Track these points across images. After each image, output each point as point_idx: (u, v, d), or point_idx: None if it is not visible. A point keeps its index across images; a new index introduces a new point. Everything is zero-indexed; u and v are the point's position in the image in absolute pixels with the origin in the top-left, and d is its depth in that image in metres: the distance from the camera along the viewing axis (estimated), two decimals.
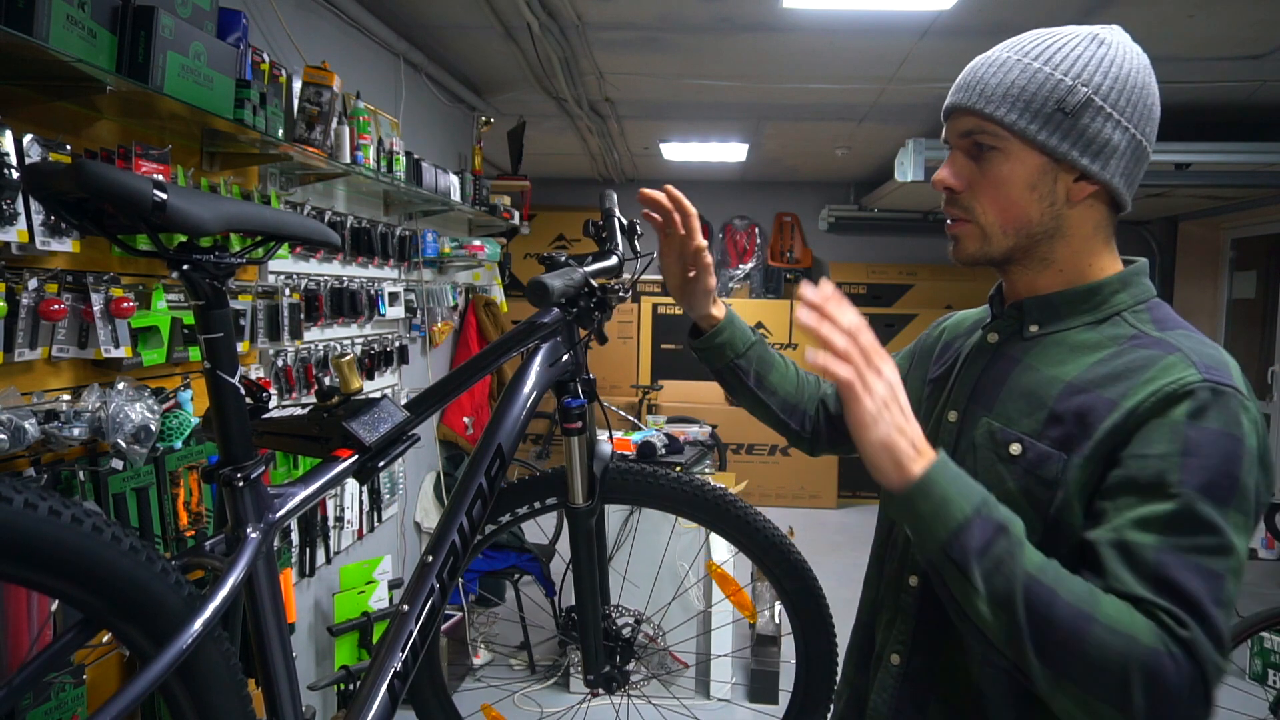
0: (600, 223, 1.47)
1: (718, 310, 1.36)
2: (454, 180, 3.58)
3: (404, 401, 1.21)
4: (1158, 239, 6.85)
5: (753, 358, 1.34)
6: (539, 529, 4.04)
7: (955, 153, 1.01)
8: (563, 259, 1.34)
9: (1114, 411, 0.90)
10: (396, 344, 3.28)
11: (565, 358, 1.37)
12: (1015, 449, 0.96)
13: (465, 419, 4.08)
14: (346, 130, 2.51)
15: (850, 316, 0.92)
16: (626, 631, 1.57)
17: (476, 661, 3.71)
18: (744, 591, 2.46)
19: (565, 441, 1.39)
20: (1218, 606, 0.81)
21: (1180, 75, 3.85)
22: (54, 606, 1.49)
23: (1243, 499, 0.85)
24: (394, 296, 3.20)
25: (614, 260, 1.42)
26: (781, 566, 1.44)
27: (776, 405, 1.35)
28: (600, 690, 1.54)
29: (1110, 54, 0.97)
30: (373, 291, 3.00)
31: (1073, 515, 0.91)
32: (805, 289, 0.93)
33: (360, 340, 3.02)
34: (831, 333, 0.90)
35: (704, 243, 1.34)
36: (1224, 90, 4.09)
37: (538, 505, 1.43)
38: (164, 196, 0.83)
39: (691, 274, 1.33)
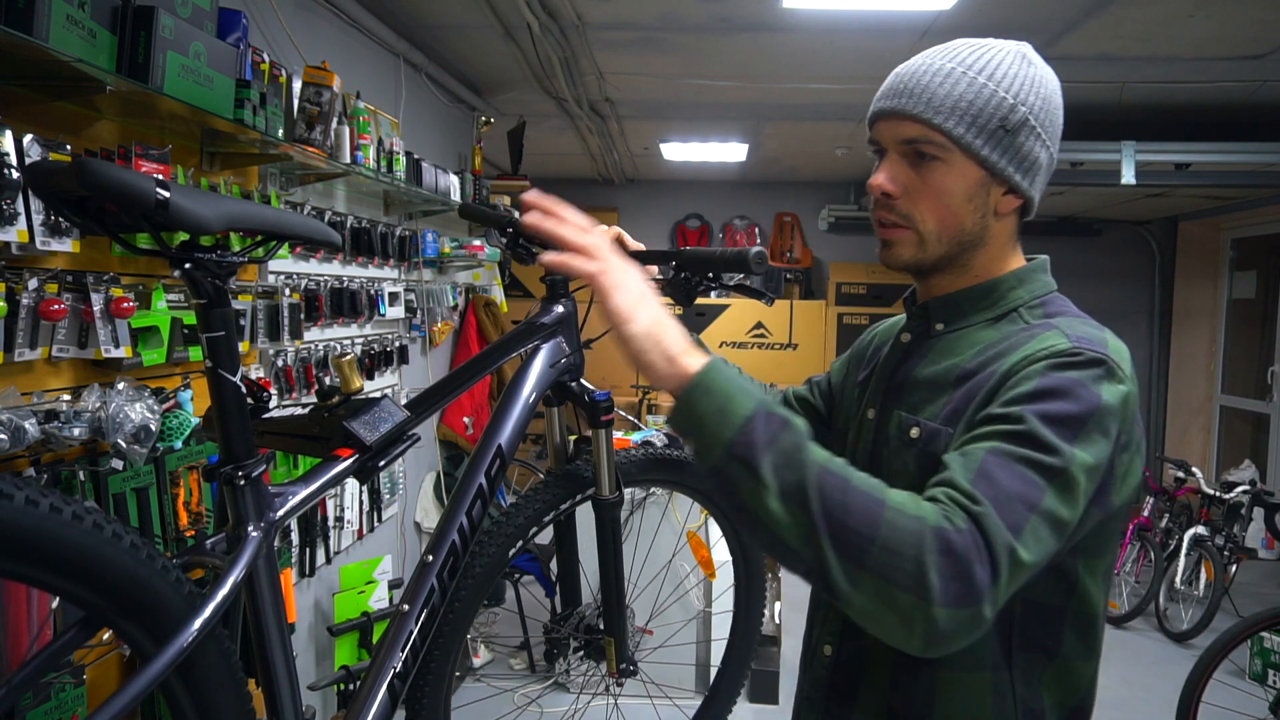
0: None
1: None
2: (454, 180, 3.58)
3: (404, 401, 1.21)
4: (1158, 239, 6.85)
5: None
6: None
7: (893, 158, 1.02)
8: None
9: (991, 379, 0.94)
10: (396, 344, 3.28)
11: (565, 359, 1.37)
12: (915, 433, 1.01)
13: (465, 419, 4.08)
14: (346, 130, 2.51)
15: (582, 218, 0.92)
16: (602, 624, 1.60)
17: (476, 661, 3.71)
18: (708, 550, 2.54)
19: (594, 435, 1.42)
20: (1028, 510, 0.82)
21: (1180, 75, 3.86)
22: (54, 604, 1.49)
23: (1090, 443, 0.86)
24: (394, 296, 3.21)
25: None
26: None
27: None
28: (624, 681, 1.58)
29: (1037, 74, 1.01)
30: (373, 291, 3.00)
31: None
32: (529, 194, 0.93)
33: (360, 340, 3.02)
34: (562, 228, 0.90)
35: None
36: (1224, 90, 4.09)
37: (577, 499, 1.47)
38: (167, 195, 0.83)
39: None
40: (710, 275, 1.28)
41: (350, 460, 1.09)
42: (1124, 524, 0.99)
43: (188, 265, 0.92)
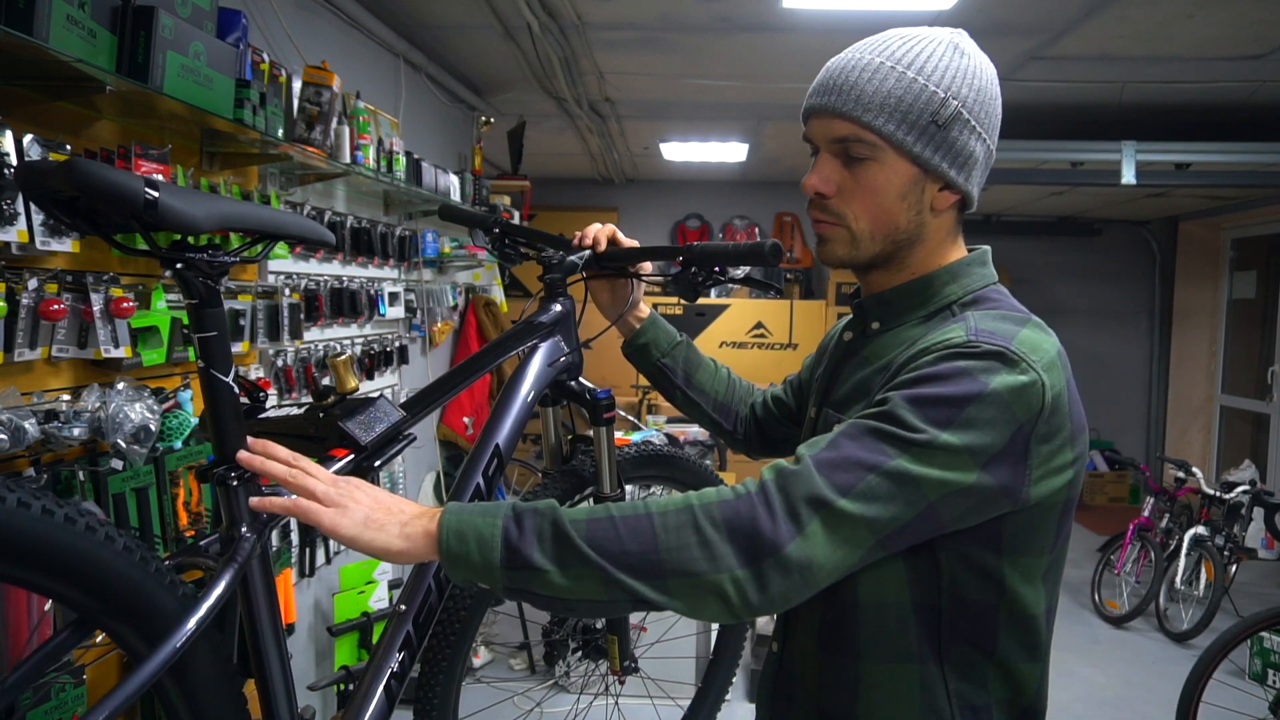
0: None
1: (641, 312, 1.42)
2: (454, 180, 3.58)
3: (402, 402, 1.21)
4: (1158, 239, 6.85)
5: (679, 357, 1.40)
6: None
7: (825, 156, 1.00)
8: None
9: (889, 371, 0.95)
10: (396, 344, 3.28)
11: (564, 358, 1.37)
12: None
13: (465, 419, 4.08)
14: (346, 130, 2.51)
15: (280, 450, 0.94)
16: (598, 624, 1.61)
17: (476, 662, 3.71)
18: None
19: (595, 432, 1.42)
20: (865, 470, 0.84)
21: (1180, 75, 3.85)
22: (47, 606, 1.49)
23: (963, 427, 0.85)
24: (394, 296, 3.21)
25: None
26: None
27: (708, 405, 1.41)
28: (625, 679, 1.61)
29: (970, 65, 0.97)
30: (372, 291, 3.00)
31: None
32: (242, 455, 0.95)
33: (360, 340, 3.02)
34: (267, 465, 0.92)
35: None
36: (1224, 90, 4.08)
37: (577, 499, 1.47)
38: (155, 194, 0.83)
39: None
40: (717, 270, 1.27)
41: (345, 460, 1.09)
42: (1060, 523, 0.94)
43: (179, 265, 0.92)
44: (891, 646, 0.96)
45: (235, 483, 0.98)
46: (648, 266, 1.41)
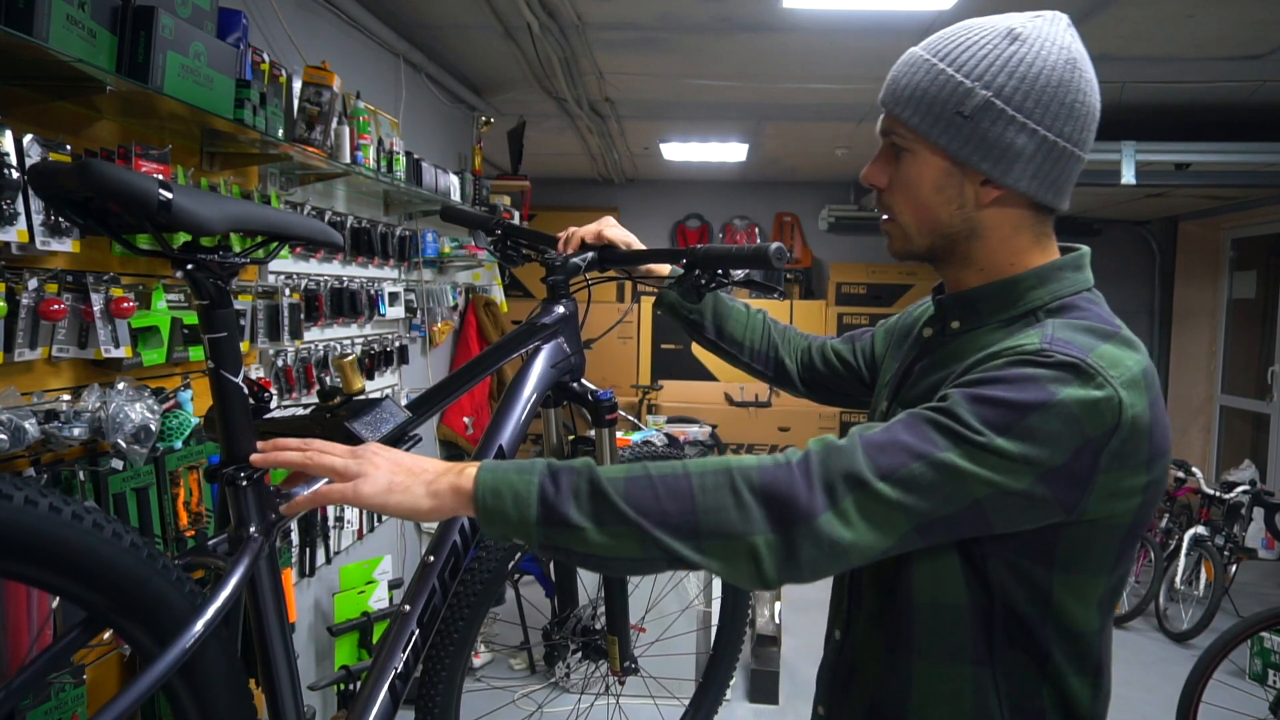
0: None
1: (663, 270, 1.46)
2: (454, 180, 3.58)
3: (405, 402, 1.21)
4: (1158, 239, 6.85)
5: (705, 309, 1.43)
6: None
7: (881, 150, 1.02)
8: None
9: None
10: (396, 344, 3.28)
11: (566, 359, 1.37)
12: None
13: (465, 419, 4.08)
14: (346, 130, 2.51)
15: (288, 440, 0.97)
16: (597, 624, 1.61)
17: (476, 661, 3.71)
18: None
19: (598, 433, 1.43)
20: (912, 458, 0.83)
21: (1180, 75, 3.85)
22: (54, 605, 1.49)
23: (1025, 436, 0.82)
24: (394, 296, 3.20)
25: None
26: None
27: (742, 354, 1.44)
28: (625, 679, 1.61)
29: (1021, 52, 0.92)
30: (373, 291, 2.99)
31: None
32: (255, 458, 0.97)
33: (360, 340, 3.01)
34: (281, 454, 0.94)
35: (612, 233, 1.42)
36: (1224, 90, 4.09)
37: None
38: (170, 196, 0.83)
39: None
40: (720, 272, 1.27)
41: None
42: (1123, 547, 0.91)
43: (190, 266, 0.92)
44: (946, 646, 0.95)
45: (244, 482, 0.98)
46: (664, 269, 1.43)
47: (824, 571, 0.85)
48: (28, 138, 1.45)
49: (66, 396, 1.60)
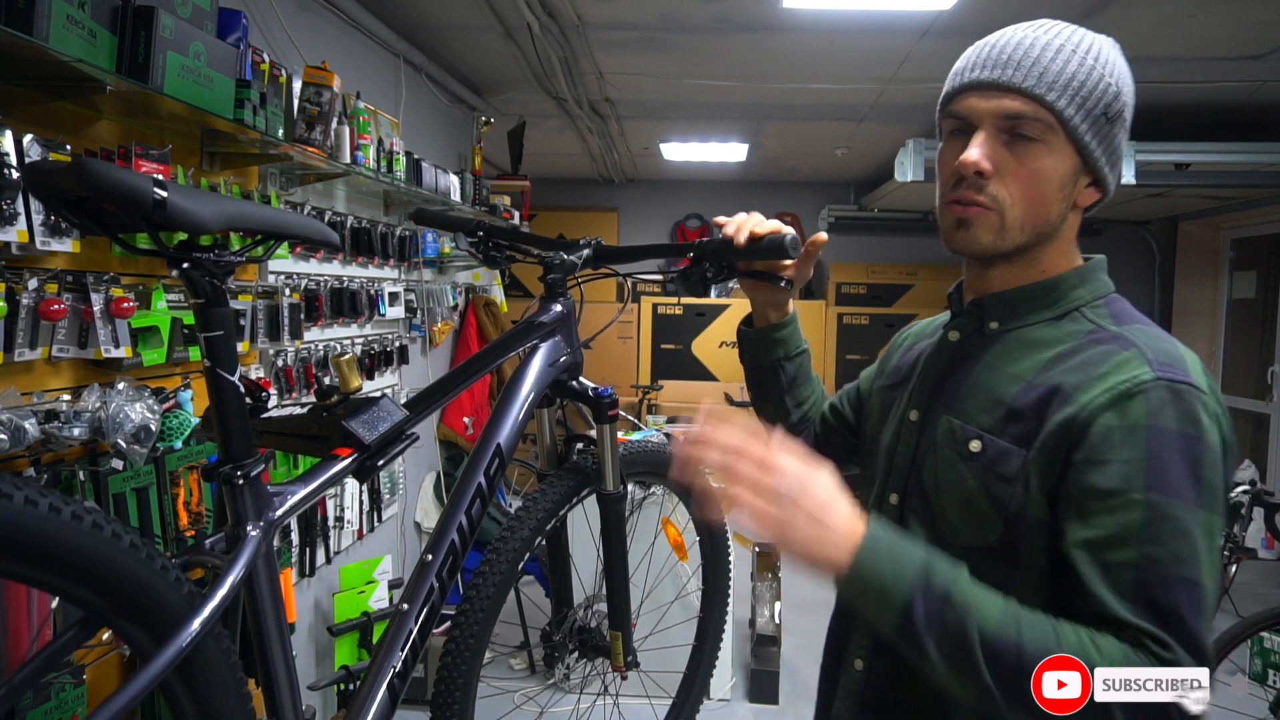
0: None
1: (786, 307, 1.30)
2: (454, 180, 3.58)
3: (404, 401, 1.21)
4: (1158, 239, 6.85)
5: (797, 363, 1.30)
6: None
7: (990, 134, 0.93)
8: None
9: (1067, 405, 0.88)
10: (396, 344, 3.28)
11: (564, 357, 1.38)
12: (975, 446, 0.94)
13: (465, 419, 4.08)
14: (346, 130, 2.51)
15: (731, 434, 0.87)
16: (593, 622, 1.61)
17: None
18: (680, 534, 2.67)
19: (599, 430, 1.42)
20: (1198, 618, 0.81)
21: (1180, 75, 3.85)
22: (54, 604, 1.49)
23: (1211, 498, 0.83)
24: (394, 296, 3.21)
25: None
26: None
27: (797, 416, 1.30)
28: (627, 676, 1.60)
29: (1128, 70, 0.96)
30: (373, 291, 3.00)
31: (1035, 509, 0.90)
32: (676, 440, 0.92)
33: (360, 340, 3.02)
34: (708, 454, 0.87)
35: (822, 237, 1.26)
36: (1224, 90, 4.09)
37: (580, 496, 1.48)
38: (164, 195, 0.83)
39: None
40: (727, 265, 1.23)
41: (349, 459, 1.09)
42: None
43: (185, 265, 0.92)
44: None
45: (241, 481, 0.98)
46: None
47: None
48: (28, 138, 1.45)
49: (66, 396, 1.60)
